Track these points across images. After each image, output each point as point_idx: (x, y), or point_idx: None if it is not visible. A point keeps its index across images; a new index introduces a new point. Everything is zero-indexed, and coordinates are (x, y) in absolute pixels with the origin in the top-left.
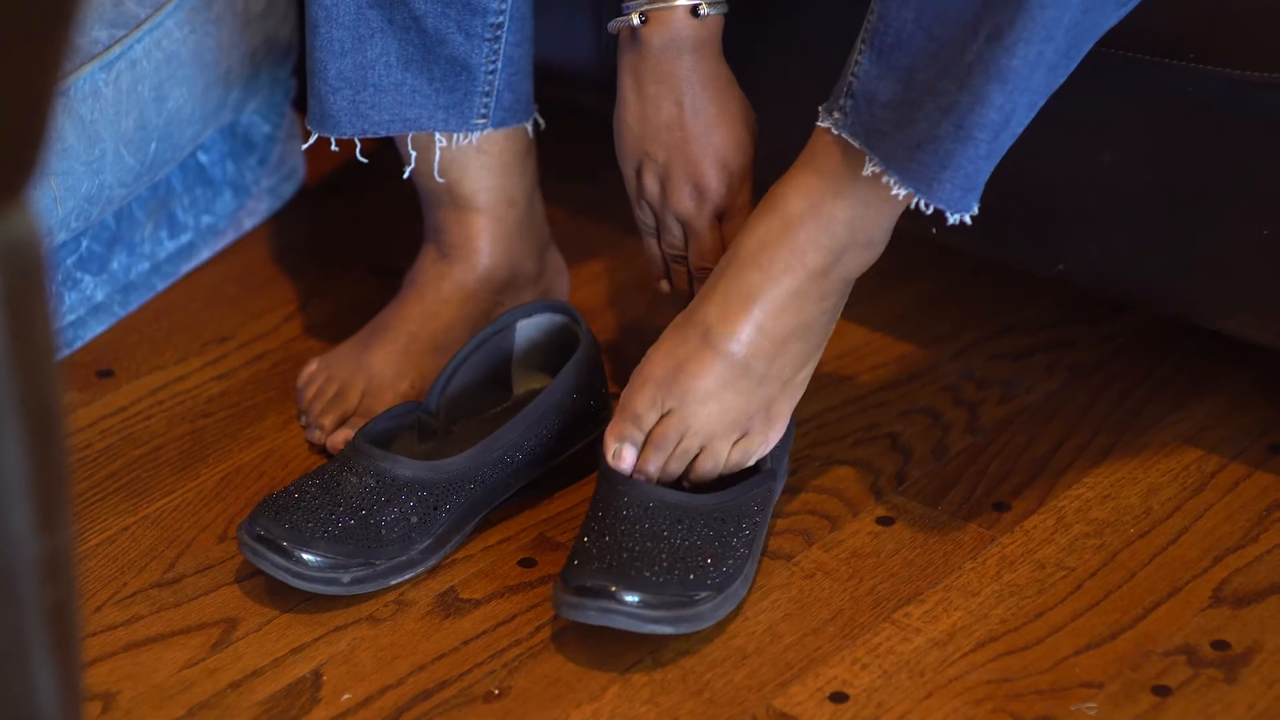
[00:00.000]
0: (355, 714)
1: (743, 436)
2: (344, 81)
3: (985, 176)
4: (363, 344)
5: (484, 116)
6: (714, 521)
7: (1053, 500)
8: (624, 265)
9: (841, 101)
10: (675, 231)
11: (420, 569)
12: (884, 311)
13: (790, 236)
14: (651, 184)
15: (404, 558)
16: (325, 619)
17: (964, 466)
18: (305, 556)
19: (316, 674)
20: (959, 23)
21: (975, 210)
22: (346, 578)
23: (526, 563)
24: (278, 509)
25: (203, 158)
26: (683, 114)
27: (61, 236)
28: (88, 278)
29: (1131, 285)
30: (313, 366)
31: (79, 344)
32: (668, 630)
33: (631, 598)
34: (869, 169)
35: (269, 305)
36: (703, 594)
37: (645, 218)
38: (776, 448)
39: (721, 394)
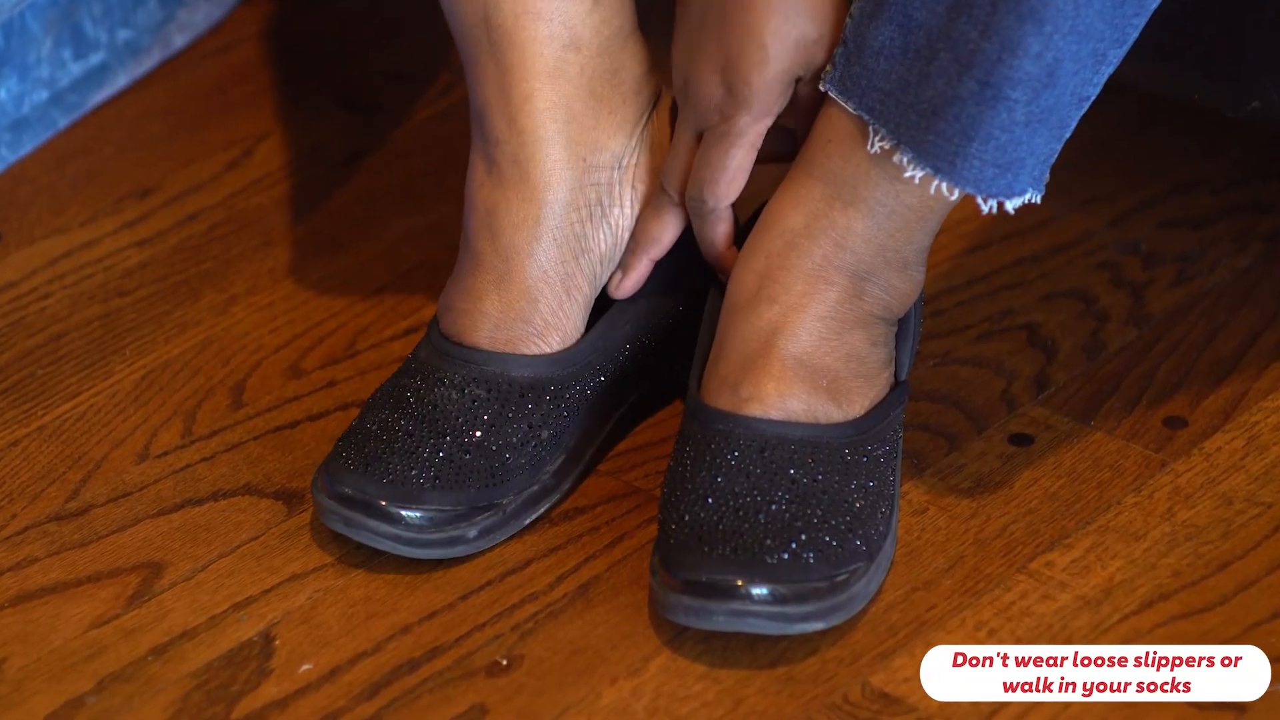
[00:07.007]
0: (318, 689)
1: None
2: None
3: (1036, 153)
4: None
5: None
6: (843, 462)
7: (1243, 414)
8: None
9: (835, 50)
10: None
11: (555, 498)
12: None
13: (798, 258)
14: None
15: (535, 487)
16: (278, 565)
17: (1125, 369)
18: (411, 515)
19: (266, 637)
20: None
21: (1031, 197)
22: (473, 531)
23: None
24: (366, 456)
25: None
26: None
27: None
28: None
29: None
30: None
31: None
32: (819, 626)
33: (762, 590)
34: (875, 144)
35: (205, 149)
36: (852, 566)
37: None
38: (899, 351)
39: None
